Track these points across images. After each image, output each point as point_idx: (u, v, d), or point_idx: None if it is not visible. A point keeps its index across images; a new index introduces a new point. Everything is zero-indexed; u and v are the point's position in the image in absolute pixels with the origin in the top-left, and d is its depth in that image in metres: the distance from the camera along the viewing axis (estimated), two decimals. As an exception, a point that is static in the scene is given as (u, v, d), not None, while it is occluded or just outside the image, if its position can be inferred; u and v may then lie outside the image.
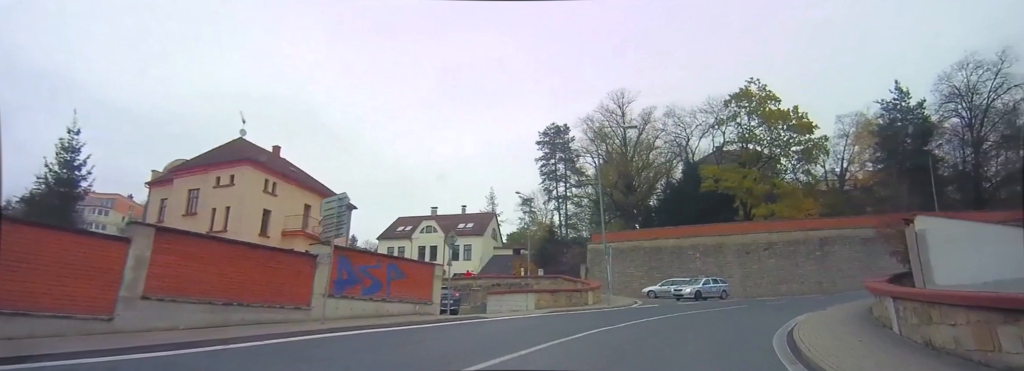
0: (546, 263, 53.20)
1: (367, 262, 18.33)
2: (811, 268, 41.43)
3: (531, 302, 25.08)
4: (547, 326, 15.61)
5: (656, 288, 38.24)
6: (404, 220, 69.31)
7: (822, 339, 10.21)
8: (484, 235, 63.89)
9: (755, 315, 19.43)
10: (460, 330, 14.06)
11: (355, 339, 11.22)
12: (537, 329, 14.45)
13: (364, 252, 20.82)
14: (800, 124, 52.78)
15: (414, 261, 24.16)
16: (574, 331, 12.15)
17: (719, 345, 10.69)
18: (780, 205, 48.93)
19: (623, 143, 60.30)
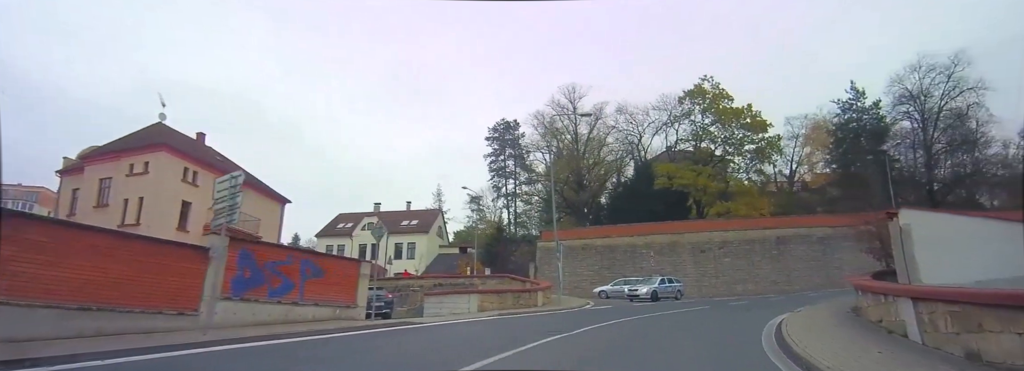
0: (494, 262, 50.81)
1: (276, 257, 15.52)
2: (768, 267, 40.11)
3: (474, 304, 22.55)
4: (491, 333, 13.18)
5: (608, 288, 36.24)
6: (345, 217, 65.82)
7: (828, 349, 8.41)
8: (429, 233, 61.02)
9: (725, 318, 17.39)
10: (382, 340, 11.47)
11: (233, 356, 8.52)
12: (478, 338, 12.01)
13: (273, 245, 17.89)
14: (754, 122, 51.93)
15: (335, 257, 21.17)
16: (523, 340, 9.75)
17: (711, 361, 8.37)
18: (736, 203, 47.77)
19: (574, 139, 58.34)
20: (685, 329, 13.78)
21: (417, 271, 54.10)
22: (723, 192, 50.59)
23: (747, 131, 52.45)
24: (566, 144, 58.62)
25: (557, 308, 24.16)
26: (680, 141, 55.85)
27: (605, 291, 36.00)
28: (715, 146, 54.13)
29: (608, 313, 20.45)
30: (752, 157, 53.76)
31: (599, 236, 44.00)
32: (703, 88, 53.31)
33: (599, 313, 21.19)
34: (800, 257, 40.29)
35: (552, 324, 15.08)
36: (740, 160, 54.53)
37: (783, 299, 27.23)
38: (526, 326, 14.97)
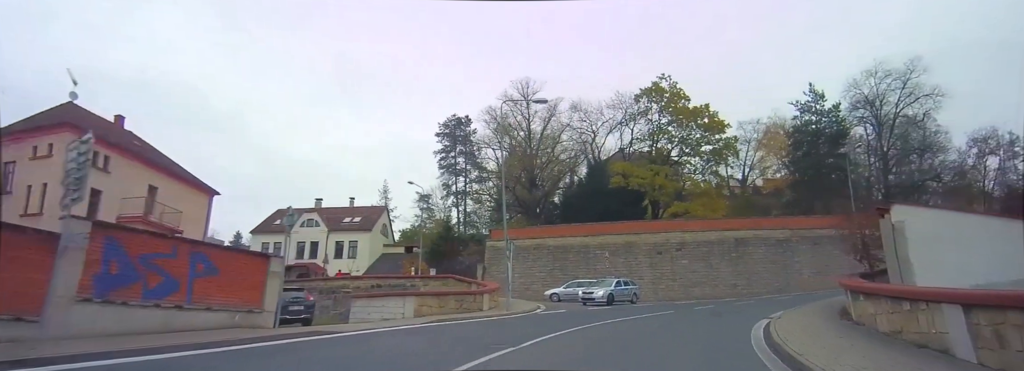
0: (440, 262, 47.99)
1: (155, 249, 12.52)
2: (726, 270, 38.38)
3: (410, 308, 19.78)
4: (419, 348, 10.56)
5: (560, 290, 33.91)
6: (283, 212, 61.71)
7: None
8: (372, 231, 57.68)
9: (698, 326, 15.10)
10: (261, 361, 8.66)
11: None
12: (399, 356, 9.35)
13: (151, 234, 14.79)
14: (712, 122, 50.54)
15: (237, 250, 17.82)
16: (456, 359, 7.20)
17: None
18: (694, 204, 46.21)
19: (527, 136, 55.90)
20: (657, 342, 11.36)
21: (358, 271, 50.91)
22: (680, 192, 49.14)
23: (705, 131, 51.09)
24: (519, 141, 56.17)
25: (504, 313, 21.57)
26: (636, 140, 54.11)
27: (557, 294, 33.68)
28: (672, 146, 52.54)
29: (561, 319, 18.03)
30: (709, 158, 52.32)
31: (552, 236, 41.66)
32: (660, 86, 51.68)
33: (551, 319, 18.74)
34: (760, 260, 38.73)
35: (497, 334, 12.57)
36: (697, 161, 53.06)
37: (750, 303, 25.30)
38: (465, 337, 12.39)
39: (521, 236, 41.49)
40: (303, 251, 57.13)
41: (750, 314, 17.77)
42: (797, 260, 38.82)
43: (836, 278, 17.23)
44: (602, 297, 27.23)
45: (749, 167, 58.68)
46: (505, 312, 22.01)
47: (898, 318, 9.56)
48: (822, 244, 39.47)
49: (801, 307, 18.47)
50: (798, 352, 7.94)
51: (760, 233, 39.65)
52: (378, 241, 59.35)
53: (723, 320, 16.34)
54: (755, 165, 58.86)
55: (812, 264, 38.90)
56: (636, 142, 54.02)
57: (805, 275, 38.44)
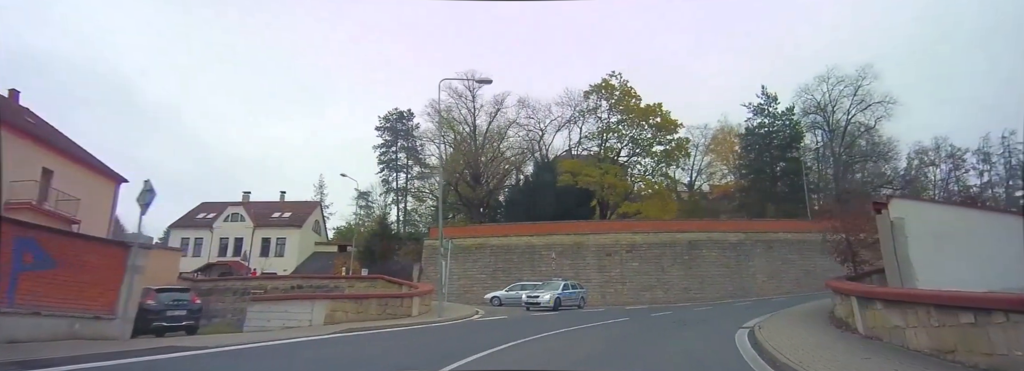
0: (375, 262, 44.51)
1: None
2: (678, 274, 36.14)
3: (320, 314, 16.53)
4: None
5: (503, 294, 31.08)
6: (208, 206, 56.89)
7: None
8: (303, 228, 53.60)
9: (667, 337, 12.36)
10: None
11: None
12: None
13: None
14: (664, 122, 48.55)
15: (82, 236, 13.85)
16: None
17: None
18: (646, 205, 44.07)
19: (472, 131, 52.66)
20: (628, 365, 8.52)
21: (285, 270, 47.04)
22: (630, 193, 47.05)
23: (657, 131, 49.17)
24: (463, 136, 52.93)
25: (434, 320, 18.52)
26: (585, 139, 51.67)
27: (499, 297, 30.84)
28: (622, 145, 50.42)
29: (499, 328, 15.20)
30: (660, 159, 50.37)
31: (495, 235, 38.69)
32: (610, 83, 49.49)
33: (487, 328, 15.86)
34: (713, 263, 36.65)
35: (411, 351, 9.67)
36: (648, 162, 51.07)
37: (708, 309, 22.91)
38: (370, 356, 9.39)
39: (462, 235, 38.50)
40: (226, 249, 52.74)
41: (718, 323, 15.40)
42: (751, 264, 36.95)
43: (833, 282, 14.81)
44: (548, 302, 24.41)
45: (697, 172, 57.31)
46: (436, 319, 18.97)
47: (950, 333, 6.97)
48: (776, 248, 37.91)
49: (775, 314, 16.09)
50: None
51: (713, 236, 37.65)
52: (309, 238, 55.29)
53: (692, 330, 13.73)
54: (702, 170, 57.57)
55: (766, 268, 37.13)
56: (585, 140, 51.67)
57: (760, 280, 36.62)
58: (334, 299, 18.08)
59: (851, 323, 11.30)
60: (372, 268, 42.69)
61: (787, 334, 10.98)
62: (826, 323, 13.02)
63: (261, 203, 57.04)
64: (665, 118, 48.72)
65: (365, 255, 46.17)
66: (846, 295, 11.86)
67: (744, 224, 39.48)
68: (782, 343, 9.31)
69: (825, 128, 52.06)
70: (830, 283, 14.47)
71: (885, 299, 9.22)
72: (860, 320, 10.46)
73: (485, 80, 17.78)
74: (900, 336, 8.56)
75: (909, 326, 8.27)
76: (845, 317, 11.93)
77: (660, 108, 48.87)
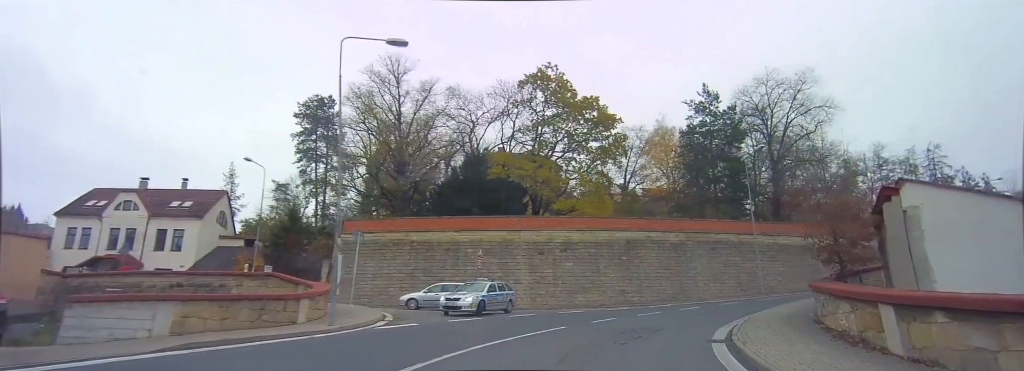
0: (281, 258, 40.01)
1: None
2: (615, 275, 33.29)
3: (164, 320, 12.57)
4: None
5: (420, 295, 27.42)
6: (101, 192, 50.48)
7: None
8: (205, 219, 48.09)
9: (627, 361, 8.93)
10: None
11: None
12: None
13: None
14: (602, 116, 45.97)
15: None
16: None
17: None
18: (582, 201, 41.19)
19: (396, 118, 48.53)
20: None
21: (182, 266, 41.80)
22: (565, 189, 44.23)
23: (594, 126, 46.56)
24: (388, 125, 48.71)
25: (322, 329, 14.69)
26: (519, 132, 48.42)
27: (416, 299, 27.16)
28: (557, 139, 47.56)
29: (400, 343, 11.62)
30: (596, 156, 47.73)
31: (416, 230, 34.74)
32: (546, 74, 46.58)
33: (384, 342, 12.21)
34: (652, 264, 34.02)
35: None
36: (584, 158, 48.35)
37: (653, 314, 19.81)
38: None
39: (378, 229, 34.66)
40: (117, 241, 46.71)
41: (679, 335, 12.27)
42: (692, 266, 34.51)
43: (827, 284, 11.84)
44: (470, 305, 20.73)
45: (630, 174, 54.98)
46: (328, 327, 15.12)
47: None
48: (719, 249, 35.75)
49: (743, 321, 13.08)
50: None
51: (653, 235, 35.01)
52: (213, 231, 49.79)
53: (652, 345, 10.45)
54: (636, 172, 55.35)
55: (708, 271, 34.84)
56: (519, 134, 48.47)
57: (701, 282, 34.23)
58: (188, 301, 14.00)
59: (874, 339, 8.28)
60: (278, 265, 38.29)
61: (786, 350, 7.88)
62: (815, 331, 10.08)
63: (159, 191, 51.13)
64: (602, 112, 46.28)
65: (271, 250, 41.61)
66: (861, 302, 8.82)
67: (685, 224, 37.03)
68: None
69: (763, 131, 50.84)
70: (823, 285, 11.54)
71: (951, 307, 6.13)
72: (900, 337, 7.37)
73: (399, 41, 14.71)
74: (986, 363, 5.47)
75: (1009, 349, 5.17)
76: (861, 331, 8.90)
77: (597, 102, 46.35)
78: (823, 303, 11.34)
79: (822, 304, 11.44)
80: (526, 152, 46.29)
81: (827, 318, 11.13)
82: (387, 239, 33.93)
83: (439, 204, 42.37)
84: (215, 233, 50.14)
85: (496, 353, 9.44)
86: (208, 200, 50.36)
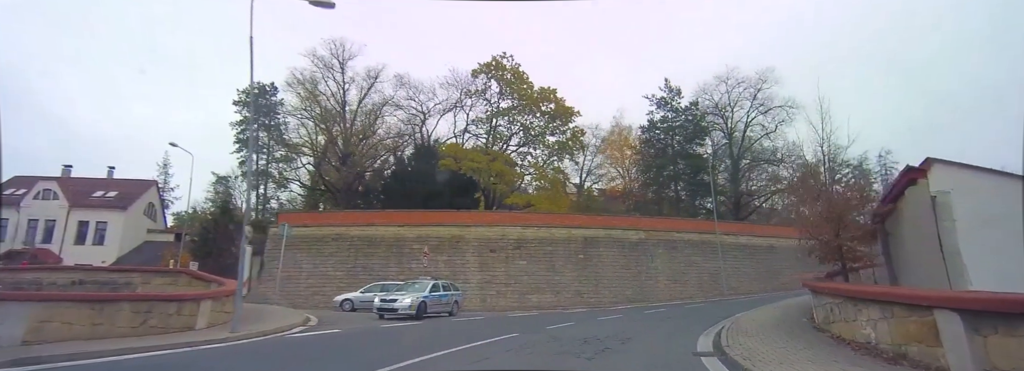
0: (210, 253, 36.81)
1: None
2: (571, 274, 31.12)
3: (17, 326, 9.77)
4: None
5: (356, 296, 24.84)
6: (21, 180, 46.05)
7: None
8: (131, 211, 44.24)
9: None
10: None
11: None
12: None
13: None
14: (559, 109, 43.90)
15: None
16: None
17: None
18: (538, 196, 39.04)
19: (341, 106, 45.54)
20: None
21: (104, 261, 38.07)
22: (520, 184, 42.08)
23: (551, 119, 44.48)
24: (332, 113, 45.65)
25: (220, 338, 12.02)
26: (472, 124, 45.97)
27: (351, 300, 24.55)
28: (513, 131, 45.33)
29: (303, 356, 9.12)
30: (553, 151, 45.63)
31: (357, 224, 31.87)
32: (501, 64, 44.23)
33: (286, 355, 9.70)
34: (610, 264, 31.99)
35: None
36: (541, 153, 46.15)
37: (616, 318, 17.51)
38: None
39: (315, 222, 31.85)
40: (35, 233, 42.58)
41: (652, 344, 10.07)
42: (652, 266, 32.60)
43: (849, 285, 9.69)
44: (408, 308, 18.10)
45: (586, 173, 52.93)
46: (228, 334, 12.45)
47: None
48: (680, 249, 33.95)
49: (724, 327, 10.98)
50: None
51: (612, 233, 33.00)
52: (140, 224, 45.98)
53: (629, 361, 8.16)
54: (592, 171, 53.31)
55: (669, 271, 33.05)
56: (473, 126, 46.03)
57: (661, 283, 32.39)
58: (50, 302, 11.16)
59: (924, 356, 6.17)
60: (206, 262, 35.10)
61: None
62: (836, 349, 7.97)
63: (82, 180, 46.94)
64: (560, 105, 44.33)
65: (200, 245, 38.32)
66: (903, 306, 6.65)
67: (646, 221, 35.11)
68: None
69: (723, 130, 49.55)
70: (834, 286, 9.44)
71: None
72: (969, 353, 5.22)
73: (325, 2, 12.49)
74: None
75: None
76: (899, 344, 6.76)
77: (554, 94, 44.31)
78: (831, 307, 9.25)
79: (829, 309, 9.36)
80: (480, 146, 43.99)
81: (837, 325, 9.06)
82: (325, 234, 31.08)
83: (385, 197, 39.57)
84: (143, 226, 46.37)
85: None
86: (135, 190, 46.45)
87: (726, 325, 12.42)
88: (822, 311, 10.00)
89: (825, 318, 9.70)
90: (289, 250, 30.77)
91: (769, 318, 13.08)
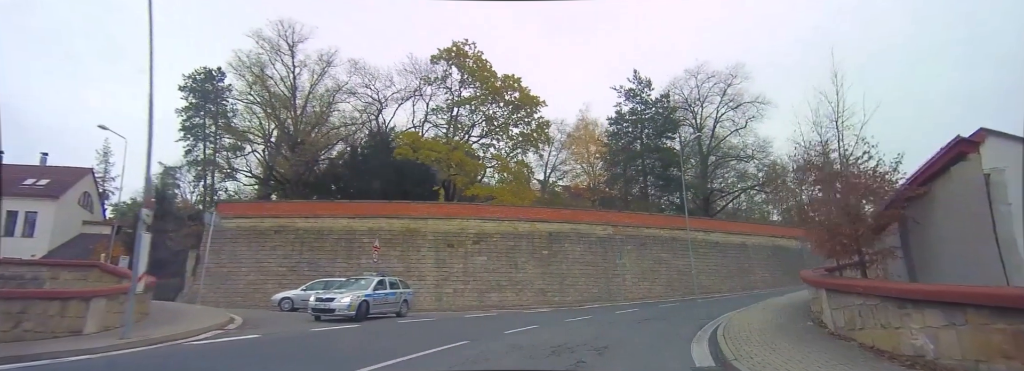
0: (146, 246, 33.69)
1: None
2: (534, 271, 29.11)
3: None
4: None
5: (296, 294, 22.44)
6: (-79, 168, 42.10)
7: None
8: (62, 200, 40.64)
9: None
10: None
11: None
12: None
13: None
14: (525, 98, 41.77)
15: None
16: None
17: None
18: (501, 188, 37.08)
19: (291, 91, 42.65)
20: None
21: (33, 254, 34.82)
22: (482, 175, 40.01)
23: (515, 109, 42.41)
24: (282, 98, 42.73)
25: (104, 346, 9.68)
26: (432, 112, 43.47)
27: (290, 299, 22.16)
28: (475, 121, 43.13)
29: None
30: (517, 143, 43.56)
31: (303, 215, 29.32)
32: (462, 50, 41.81)
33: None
34: (577, 260, 30.10)
35: None
36: (504, 145, 44.00)
37: (584, 320, 15.51)
38: None
39: (257, 213, 29.32)
40: (-50, 226, 38.94)
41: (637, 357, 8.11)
42: (621, 263, 30.84)
43: (888, 283, 7.74)
44: (347, 308, 15.77)
45: (551, 168, 51.05)
46: (118, 341, 10.13)
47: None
48: (649, 245, 32.27)
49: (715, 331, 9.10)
50: None
51: (579, 228, 31.12)
52: (74, 215, 42.40)
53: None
54: (557, 167, 51.44)
55: (637, 268, 31.37)
56: (432, 115, 43.53)
57: (629, 281, 30.65)
58: None
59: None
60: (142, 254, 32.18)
61: None
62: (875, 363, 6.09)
63: (10, 166, 43.18)
64: (524, 94, 42.09)
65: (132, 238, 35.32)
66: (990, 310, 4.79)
67: (614, 216, 33.29)
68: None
69: (693, 125, 48.16)
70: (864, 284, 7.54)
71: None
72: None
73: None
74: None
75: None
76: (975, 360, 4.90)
77: (519, 83, 42.12)
78: (859, 310, 7.38)
79: (855, 311, 7.49)
80: (441, 135, 41.70)
81: (867, 333, 7.22)
82: (268, 226, 28.55)
83: (336, 188, 37.00)
84: (78, 217, 42.83)
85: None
86: (68, 179, 42.86)
87: (716, 329, 10.57)
88: (842, 314, 8.15)
89: (849, 323, 7.84)
90: (229, 244, 28.25)
91: (764, 321, 11.26)
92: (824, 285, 9.16)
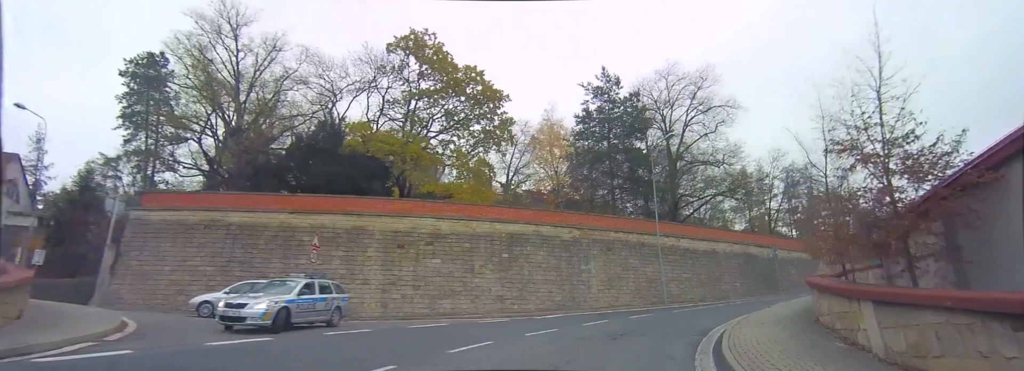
0: (63, 240, 30.80)
1: None
2: (492, 276, 26.70)
3: None
4: None
5: (217, 297, 19.48)
6: None
7: None
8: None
9: None
10: None
11: None
12: None
13: None
14: (487, 91, 39.36)
15: None
16: None
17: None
18: (461, 186, 34.66)
19: (234, 77, 39.44)
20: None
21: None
22: (440, 172, 37.56)
23: (476, 104, 39.94)
24: (224, 84, 39.47)
25: None
26: (388, 104, 40.72)
27: (211, 303, 19.23)
28: (434, 115, 40.52)
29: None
30: (479, 140, 41.11)
31: (236, 208, 26.35)
32: (421, 39, 39.20)
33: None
34: (539, 265, 27.79)
35: None
36: (465, 142, 41.50)
37: (553, 332, 13.15)
38: None
39: (184, 205, 26.34)
40: None
41: None
42: (586, 268, 28.67)
43: None
44: (261, 317, 13.08)
45: (514, 171, 48.96)
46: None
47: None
48: (616, 250, 30.19)
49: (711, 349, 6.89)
50: None
51: (542, 230, 28.85)
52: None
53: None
54: (520, 171, 49.41)
55: (603, 275, 29.27)
56: (389, 107, 40.74)
57: (594, 288, 28.50)
58: None
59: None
60: (56, 250, 29.18)
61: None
62: None
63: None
64: (487, 87, 39.64)
65: (54, 230, 32.16)
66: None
67: (580, 218, 31.08)
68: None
69: (663, 127, 46.49)
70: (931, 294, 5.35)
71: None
72: None
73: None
74: None
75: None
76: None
77: (481, 75, 39.66)
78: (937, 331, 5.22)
79: (932, 333, 5.33)
80: (396, 129, 39.03)
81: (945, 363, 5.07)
82: (197, 219, 25.56)
83: (278, 181, 33.94)
84: (0, 207, 39.01)
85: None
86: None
87: (717, 348, 8.38)
88: (903, 335, 6.00)
89: (916, 347, 5.69)
90: (153, 239, 25.23)
91: (773, 339, 9.10)
92: (869, 296, 7.00)
